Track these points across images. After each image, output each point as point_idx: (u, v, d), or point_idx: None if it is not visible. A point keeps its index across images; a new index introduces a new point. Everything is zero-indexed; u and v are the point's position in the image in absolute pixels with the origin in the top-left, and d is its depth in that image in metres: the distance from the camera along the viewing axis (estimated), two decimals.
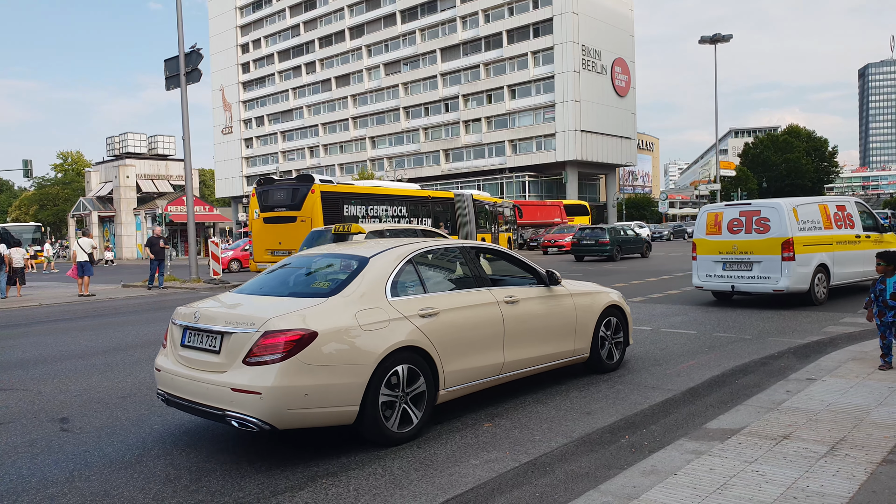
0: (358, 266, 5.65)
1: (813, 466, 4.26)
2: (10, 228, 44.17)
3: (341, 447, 5.24)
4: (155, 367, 5.66)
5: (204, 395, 4.93)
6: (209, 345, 5.11)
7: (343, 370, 4.92)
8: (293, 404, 4.74)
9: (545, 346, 6.69)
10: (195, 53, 22.98)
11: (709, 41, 45.31)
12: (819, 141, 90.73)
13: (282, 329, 4.77)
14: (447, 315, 5.70)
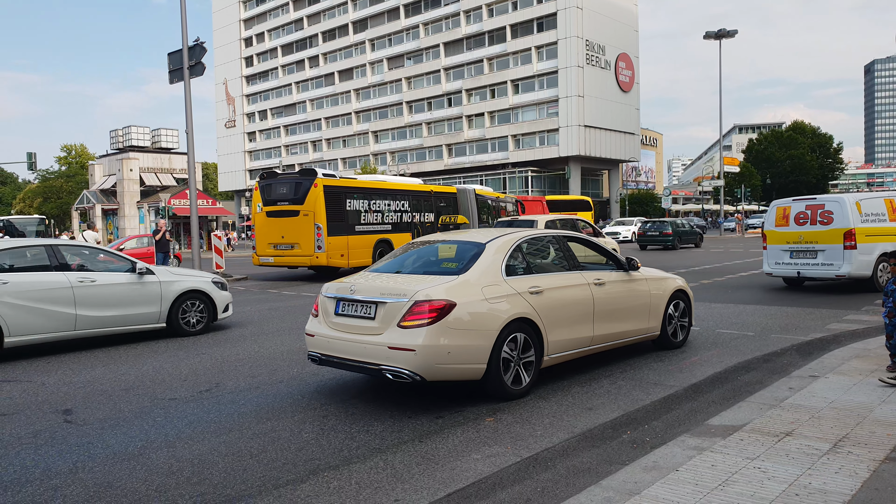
0: (477, 250, 6.71)
1: (815, 464, 4.26)
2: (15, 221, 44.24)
3: (342, 441, 5.25)
4: (306, 333, 6.75)
5: (361, 353, 6.06)
6: (364, 313, 6.20)
7: (475, 334, 5.99)
8: (439, 360, 5.82)
9: (626, 323, 7.65)
10: (198, 47, 22.94)
11: (714, 37, 45.18)
12: (824, 137, 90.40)
13: (429, 299, 5.87)
14: (550, 293, 6.72)
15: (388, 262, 7.31)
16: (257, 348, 9.32)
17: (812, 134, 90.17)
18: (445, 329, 5.81)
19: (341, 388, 6.92)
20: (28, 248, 9.95)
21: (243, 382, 7.30)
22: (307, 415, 5.99)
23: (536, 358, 6.48)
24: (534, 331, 6.46)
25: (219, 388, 7.10)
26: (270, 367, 8.03)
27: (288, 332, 10.74)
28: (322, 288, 6.86)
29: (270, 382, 7.27)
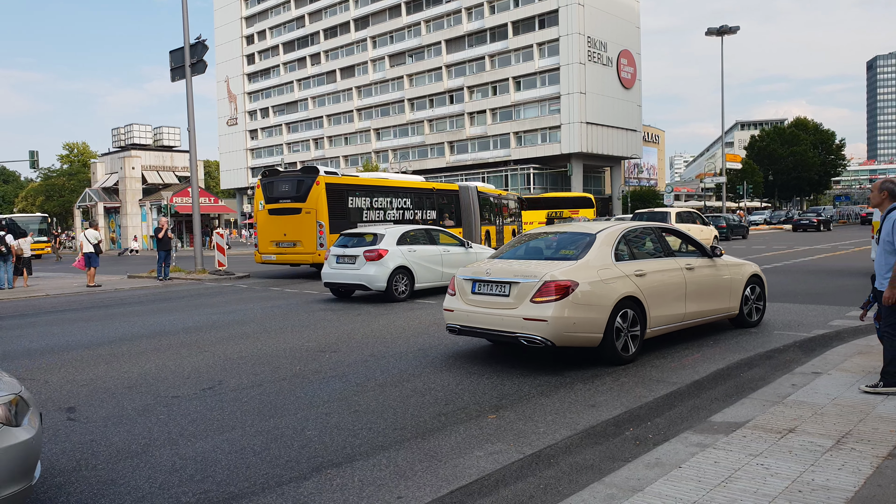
0: (590, 240, 7.86)
1: (818, 460, 4.25)
2: (17, 219, 44.30)
3: (345, 439, 5.26)
4: (445, 309, 8.07)
5: (498, 324, 7.37)
6: (499, 291, 7.46)
7: (594, 308, 7.16)
8: (566, 329, 7.06)
9: (711, 303, 8.77)
10: (200, 45, 22.95)
11: (716, 33, 45.08)
12: (826, 134, 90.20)
13: (555, 280, 7.10)
14: (651, 275, 7.83)
15: (510, 251, 8.55)
16: (260, 346, 9.33)
17: (814, 130, 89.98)
18: (570, 304, 7.02)
19: (343, 386, 6.93)
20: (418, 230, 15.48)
21: (246, 380, 7.31)
22: (310, 412, 6.00)
23: (641, 331, 7.65)
24: (639, 307, 7.59)
25: (221, 385, 7.11)
26: (273, 365, 8.04)
27: (290, 329, 10.75)
28: (457, 272, 8.24)
29: (273, 380, 7.28)
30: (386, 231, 14.75)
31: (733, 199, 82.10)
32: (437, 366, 7.76)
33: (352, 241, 14.97)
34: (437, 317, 11.57)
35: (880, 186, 5.95)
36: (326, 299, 14.93)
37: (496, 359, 8.04)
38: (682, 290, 8.23)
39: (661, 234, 8.81)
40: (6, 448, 3.39)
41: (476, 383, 6.87)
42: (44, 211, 69.58)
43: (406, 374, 7.35)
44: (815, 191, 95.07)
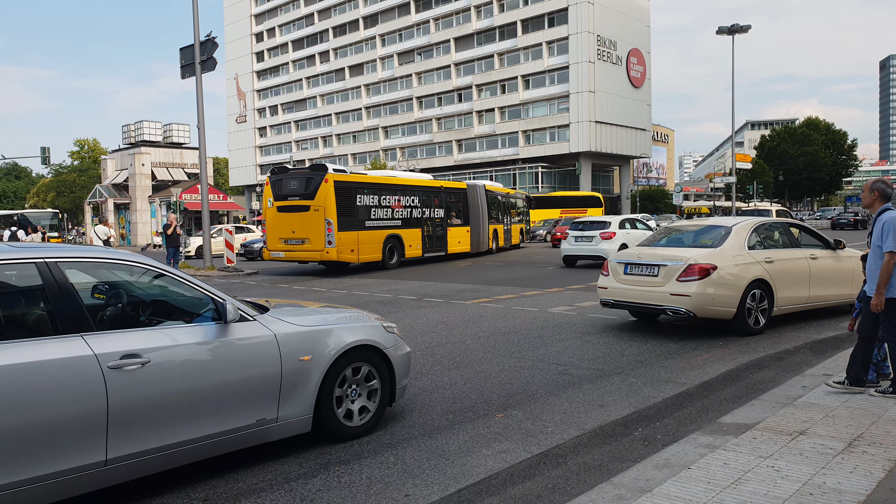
0: (726, 231, 9.35)
1: (829, 463, 4.22)
2: (29, 215, 44.58)
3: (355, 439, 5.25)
4: (599, 286, 9.93)
5: (648, 298, 9.09)
6: (649, 272, 9.12)
7: (729, 287, 8.63)
8: (705, 304, 8.60)
9: (833, 289, 9.94)
10: (210, 42, 23.00)
11: (726, 32, 44.83)
12: (838, 134, 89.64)
13: (698, 263, 8.65)
14: (778, 263, 9.11)
15: (656, 241, 10.19)
16: None
17: (826, 130, 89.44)
18: (709, 283, 8.53)
19: None
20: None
21: None
22: None
23: (769, 309, 9.00)
24: (767, 289, 8.96)
25: None
26: None
27: None
28: (610, 256, 10.10)
29: None
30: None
31: (743, 199, 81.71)
32: (445, 364, 7.74)
33: (589, 226, 21.62)
34: (443, 315, 11.57)
35: (871, 186, 5.76)
36: (335, 297, 14.94)
37: (504, 358, 8.03)
38: (806, 276, 9.49)
39: (788, 227, 10.20)
40: (403, 354, 5.62)
41: (483, 382, 6.86)
42: (55, 207, 70.01)
43: (413, 373, 7.34)
44: (826, 191, 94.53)
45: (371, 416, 5.27)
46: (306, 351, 4.82)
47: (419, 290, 15.48)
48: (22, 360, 3.57)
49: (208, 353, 4.38)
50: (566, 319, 10.80)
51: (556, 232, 37.33)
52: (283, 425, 4.71)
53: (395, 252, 22.18)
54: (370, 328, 5.37)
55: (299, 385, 4.76)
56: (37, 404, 3.57)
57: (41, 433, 3.55)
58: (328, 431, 5.01)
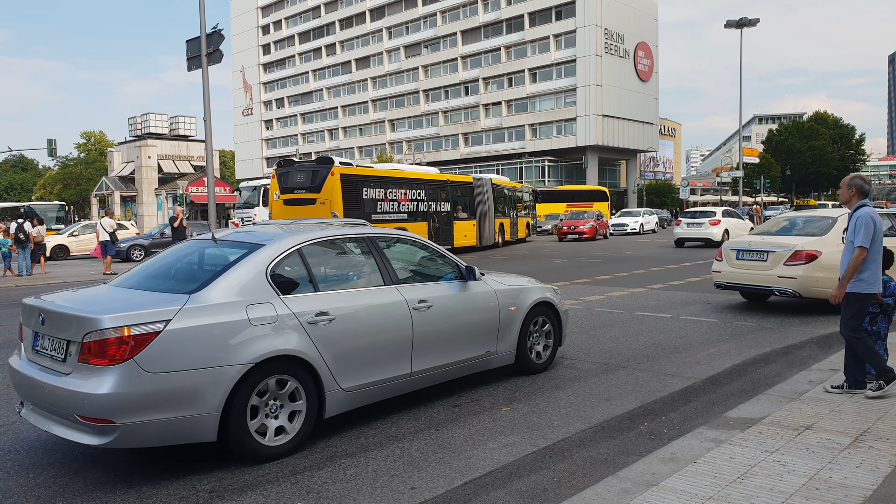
0: (831, 222, 10.36)
1: (836, 458, 4.21)
2: (35, 207, 44.73)
3: (359, 429, 5.27)
4: (713, 270, 11.17)
5: (757, 280, 10.31)
6: (759, 258, 10.34)
7: (832, 271, 8.98)
8: (810, 285, 9.73)
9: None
10: (216, 34, 22.96)
11: (735, 25, 44.57)
12: (846, 128, 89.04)
13: (804, 249, 9.82)
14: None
15: (764, 230, 11.54)
16: None
17: (833, 125, 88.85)
18: (814, 268, 9.66)
19: None
20: None
21: None
22: None
23: None
24: None
25: None
26: None
27: None
28: (724, 244, 11.18)
29: None
30: None
31: (750, 193, 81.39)
32: None
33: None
34: None
35: (849, 182, 5.71)
36: None
37: None
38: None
39: (893, 217, 11.17)
40: (566, 311, 7.31)
41: (490, 375, 6.86)
42: (61, 199, 70.24)
43: None
44: (833, 186, 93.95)
45: (550, 354, 7.08)
46: (512, 303, 6.60)
47: None
48: (374, 301, 5.40)
49: (461, 302, 6.12)
50: (572, 313, 10.78)
51: (563, 226, 37.29)
52: (498, 357, 6.48)
53: None
54: (547, 289, 7.15)
55: (508, 328, 6.52)
56: (386, 329, 5.39)
57: (391, 347, 5.41)
58: (523, 365, 6.75)
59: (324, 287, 5.23)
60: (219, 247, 5.41)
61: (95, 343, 4.13)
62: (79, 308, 4.51)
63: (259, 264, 4.90)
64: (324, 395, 4.90)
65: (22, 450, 4.93)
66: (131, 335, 4.13)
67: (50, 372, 4.41)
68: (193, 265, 5.36)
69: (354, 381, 5.08)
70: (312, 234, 5.47)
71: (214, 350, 4.38)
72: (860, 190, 5.66)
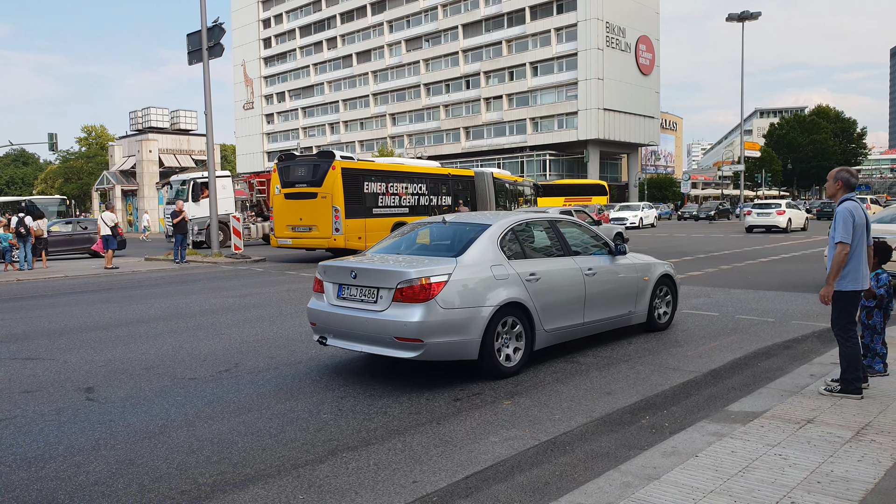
0: None
1: (837, 451, 4.21)
2: (36, 201, 44.71)
3: (361, 422, 5.27)
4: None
5: None
6: None
7: None
8: None
9: None
10: (217, 28, 22.95)
11: (736, 19, 44.45)
12: (847, 122, 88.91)
13: None
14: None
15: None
16: (276, 329, 9.37)
17: (835, 118, 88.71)
18: None
19: (359, 370, 6.95)
20: None
21: (262, 363, 7.35)
22: (325, 395, 6.02)
23: None
24: None
25: (238, 368, 7.15)
26: (289, 348, 8.08)
27: (306, 313, 10.78)
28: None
29: (289, 363, 7.32)
30: None
31: (751, 187, 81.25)
32: None
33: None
34: None
35: (835, 176, 5.51)
36: None
37: None
38: None
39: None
40: (679, 283, 8.81)
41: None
42: (62, 193, 70.22)
43: (420, 362, 7.34)
44: None
45: (669, 318, 8.84)
46: (646, 274, 8.38)
47: None
48: (561, 267, 7.22)
49: (614, 271, 7.91)
50: None
51: None
52: (636, 316, 8.22)
53: None
54: (667, 265, 8.94)
55: (642, 294, 8.25)
56: (570, 288, 7.19)
57: (573, 303, 7.21)
58: (651, 324, 8.53)
59: (530, 255, 7.12)
60: (450, 227, 7.35)
61: (407, 288, 5.99)
62: (388, 266, 6.35)
63: (492, 237, 6.79)
64: (534, 334, 6.72)
65: (24, 443, 4.94)
66: (430, 283, 6.01)
67: (363, 311, 6.26)
68: (449, 237, 7.17)
69: (552, 324, 6.91)
70: (518, 217, 7.45)
71: (476, 295, 6.23)
72: (846, 183, 5.47)
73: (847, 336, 5.35)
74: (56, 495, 4.04)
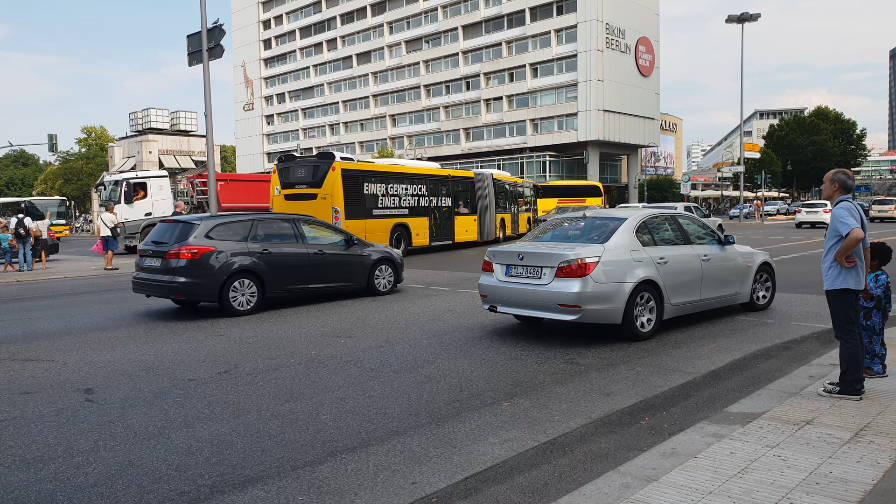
0: None
1: (836, 452, 4.21)
2: (36, 202, 44.74)
3: (360, 424, 5.27)
4: None
5: None
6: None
7: None
8: None
9: None
10: (217, 29, 22.93)
11: (736, 20, 44.48)
12: (847, 123, 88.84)
13: None
14: None
15: None
16: (275, 330, 9.38)
17: (835, 120, 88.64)
18: None
19: (358, 371, 6.95)
20: None
21: (261, 364, 7.36)
22: (325, 397, 6.03)
23: None
24: None
25: (237, 369, 7.15)
26: (288, 350, 8.08)
27: (305, 314, 10.79)
28: None
29: (288, 364, 7.32)
30: None
31: (751, 188, 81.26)
32: (452, 352, 7.76)
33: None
34: (450, 303, 11.57)
35: (832, 177, 5.49)
36: None
37: (511, 346, 8.04)
38: None
39: None
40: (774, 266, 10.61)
41: (490, 370, 6.87)
42: (62, 194, 70.19)
43: (420, 360, 7.36)
44: None
45: (768, 300, 10.34)
46: (749, 261, 9.88)
47: (426, 279, 15.50)
48: (683, 253, 8.83)
49: (724, 258, 9.37)
50: None
51: None
52: (740, 296, 9.74)
53: (402, 240, 22.18)
54: (767, 254, 10.39)
55: (745, 278, 9.79)
56: (690, 270, 8.79)
57: (692, 283, 8.80)
58: (752, 306, 10.07)
59: (658, 243, 8.69)
60: (591, 220, 8.97)
61: (567, 267, 7.74)
62: (550, 250, 8.10)
63: (629, 228, 8.42)
64: (663, 306, 8.35)
65: (23, 444, 4.94)
66: (585, 262, 7.71)
67: (530, 285, 8.05)
68: (593, 228, 8.71)
69: (676, 299, 8.54)
70: (648, 212, 9.08)
71: (620, 273, 7.92)
72: (843, 185, 5.46)
73: (847, 337, 5.36)
74: (55, 496, 4.04)
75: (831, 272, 5.39)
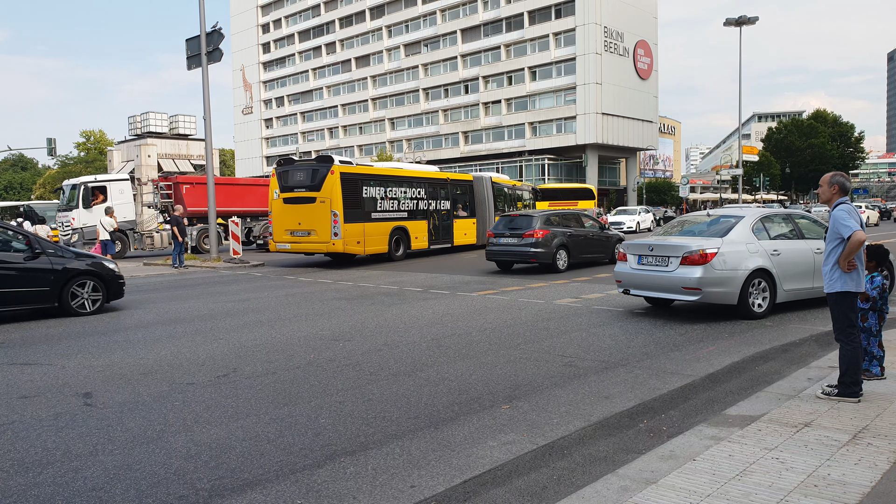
0: None
1: (834, 455, 4.22)
2: (35, 206, 44.65)
3: (359, 427, 5.27)
4: None
5: None
6: None
7: None
8: None
9: None
10: (216, 33, 22.99)
11: (734, 23, 44.51)
12: (845, 126, 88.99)
13: None
14: None
15: None
16: (274, 334, 9.37)
17: (833, 122, 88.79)
18: None
19: (357, 375, 6.95)
20: None
21: (260, 368, 7.35)
22: (323, 400, 6.02)
23: None
24: None
25: (236, 373, 7.15)
26: (287, 353, 8.07)
27: (304, 318, 10.79)
28: None
29: (287, 368, 7.32)
30: None
31: (749, 191, 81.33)
32: (451, 356, 7.76)
33: None
34: (449, 306, 11.58)
35: (830, 180, 5.50)
36: (340, 288, 14.97)
37: (509, 350, 8.04)
38: None
39: None
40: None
41: (489, 374, 6.87)
42: None
43: (419, 364, 7.36)
44: None
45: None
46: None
47: (425, 282, 15.50)
48: (797, 247, 10.06)
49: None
50: (572, 311, 10.80)
51: None
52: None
53: (401, 244, 22.18)
54: None
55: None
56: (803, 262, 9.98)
57: (804, 272, 9.99)
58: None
59: (773, 237, 9.94)
60: (713, 218, 10.36)
61: (690, 256, 9.33)
62: (676, 242, 9.72)
63: (746, 225, 9.82)
64: (776, 291, 9.71)
65: (22, 448, 4.94)
66: (706, 253, 9.24)
67: (659, 271, 9.75)
68: (715, 224, 10.10)
69: (788, 286, 9.82)
70: (764, 211, 10.40)
71: (736, 262, 9.35)
72: (841, 188, 5.47)
73: (848, 339, 5.38)
74: (54, 500, 4.03)
75: (832, 275, 5.40)
